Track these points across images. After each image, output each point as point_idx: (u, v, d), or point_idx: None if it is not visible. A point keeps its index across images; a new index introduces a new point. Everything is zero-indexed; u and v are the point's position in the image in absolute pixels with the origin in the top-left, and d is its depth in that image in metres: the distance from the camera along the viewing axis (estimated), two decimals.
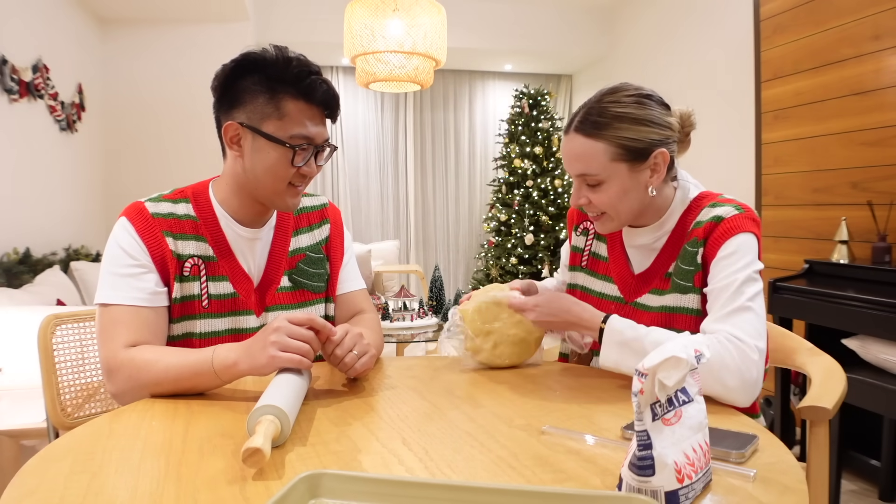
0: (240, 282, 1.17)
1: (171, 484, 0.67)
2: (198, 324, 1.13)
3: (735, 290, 1.00)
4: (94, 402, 1.30)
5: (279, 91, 1.09)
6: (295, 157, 1.11)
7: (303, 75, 1.10)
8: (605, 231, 1.18)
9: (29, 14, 3.50)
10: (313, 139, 1.12)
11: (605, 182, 1.09)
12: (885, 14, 2.66)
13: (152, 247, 1.09)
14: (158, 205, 1.13)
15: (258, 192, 1.15)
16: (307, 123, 1.11)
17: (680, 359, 0.60)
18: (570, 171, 1.13)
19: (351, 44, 3.23)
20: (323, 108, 1.14)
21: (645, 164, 1.09)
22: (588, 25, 5.52)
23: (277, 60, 1.10)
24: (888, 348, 2.10)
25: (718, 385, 0.95)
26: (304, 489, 0.58)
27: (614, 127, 1.07)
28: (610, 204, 1.11)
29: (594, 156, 1.08)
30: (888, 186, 2.64)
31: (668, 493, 0.58)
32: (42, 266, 3.26)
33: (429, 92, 6.30)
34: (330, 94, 1.14)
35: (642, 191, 1.11)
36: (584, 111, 1.11)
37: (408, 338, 2.87)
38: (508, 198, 5.68)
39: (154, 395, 1.01)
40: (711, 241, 1.07)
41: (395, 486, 0.58)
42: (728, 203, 1.10)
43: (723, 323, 1.00)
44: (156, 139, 4.65)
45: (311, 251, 1.27)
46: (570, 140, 1.11)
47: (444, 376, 1.12)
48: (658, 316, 1.12)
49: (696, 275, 1.08)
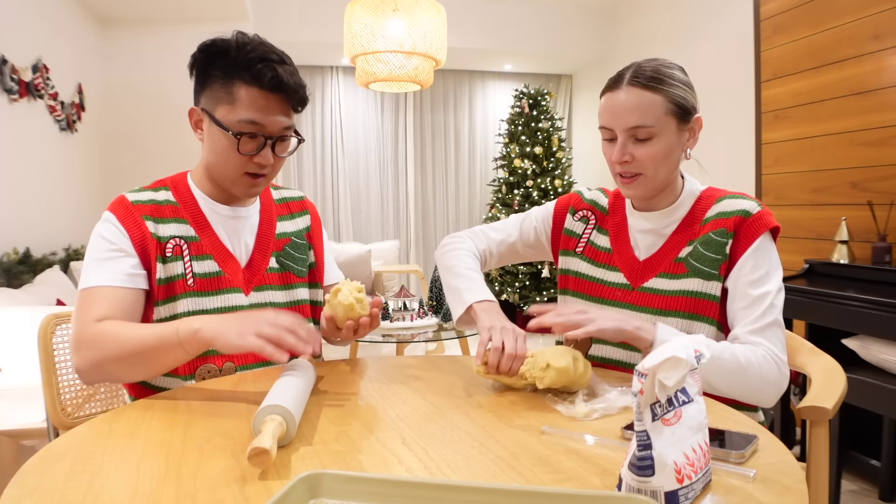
0: (225, 260, 1.19)
1: (171, 484, 0.67)
2: (184, 303, 1.14)
3: (769, 305, 1.07)
4: (94, 402, 1.30)
5: (233, 76, 1.09)
6: (240, 144, 1.11)
7: (254, 61, 1.09)
8: (633, 195, 1.19)
9: (29, 14, 3.50)
10: (264, 127, 1.11)
11: (656, 136, 1.11)
12: (885, 14, 2.66)
13: (133, 231, 1.11)
14: (139, 194, 1.17)
15: (216, 177, 1.18)
16: (259, 110, 1.10)
17: (680, 359, 0.60)
18: (620, 124, 1.12)
19: (351, 44, 3.23)
20: (283, 96, 1.11)
21: (688, 125, 1.14)
22: (588, 25, 5.52)
23: (234, 46, 1.10)
24: (888, 348, 2.10)
25: (757, 394, 1.03)
26: (304, 489, 0.58)
27: (668, 83, 1.11)
28: (653, 161, 1.12)
29: (651, 107, 1.10)
30: (888, 186, 2.64)
31: (667, 494, 0.58)
32: (42, 266, 3.26)
33: (429, 92, 6.30)
34: (281, 82, 1.10)
35: (679, 154, 1.15)
36: (633, 69, 1.14)
37: (408, 338, 2.87)
38: (508, 198, 5.68)
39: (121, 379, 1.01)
40: (742, 236, 1.10)
41: (395, 486, 0.58)
42: (745, 197, 1.15)
43: (760, 336, 1.05)
44: (155, 139, 4.65)
45: (296, 237, 1.31)
46: (624, 92, 1.12)
47: (444, 376, 1.12)
48: (677, 300, 1.13)
49: (722, 264, 1.11)
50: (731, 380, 1.01)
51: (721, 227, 1.12)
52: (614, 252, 1.25)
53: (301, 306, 1.28)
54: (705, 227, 1.15)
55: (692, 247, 1.15)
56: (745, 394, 1.03)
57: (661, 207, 1.20)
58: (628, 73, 1.14)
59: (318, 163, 6.12)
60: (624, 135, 1.12)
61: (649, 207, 1.22)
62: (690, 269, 1.13)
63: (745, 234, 1.10)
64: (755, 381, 1.01)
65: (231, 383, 1.07)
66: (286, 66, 1.12)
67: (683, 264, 1.15)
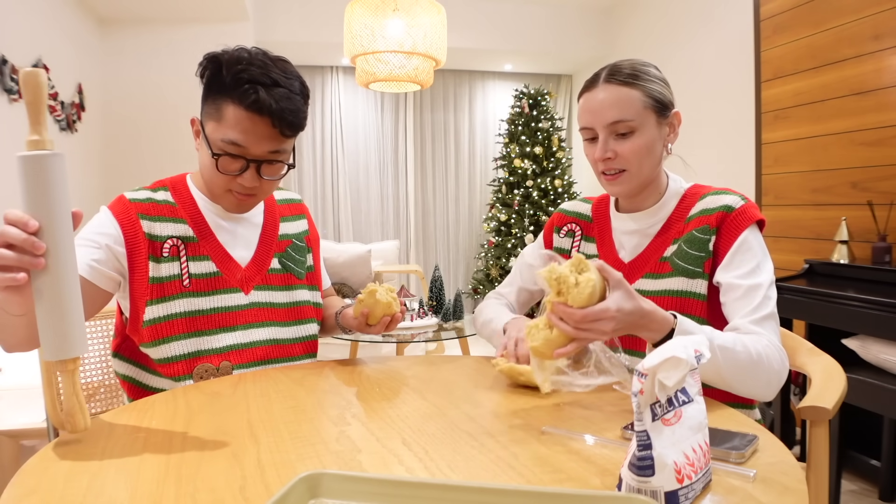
0: (223, 261, 1.19)
1: (171, 484, 0.67)
2: (179, 303, 1.14)
3: (764, 297, 1.06)
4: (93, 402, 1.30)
5: (223, 94, 1.08)
6: (219, 163, 1.10)
7: (241, 81, 1.06)
8: (618, 191, 1.18)
9: (29, 14, 3.50)
10: (247, 149, 1.09)
11: (637, 131, 1.12)
12: (885, 14, 2.66)
13: (126, 226, 1.12)
14: (137, 192, 1.18)
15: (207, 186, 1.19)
16: (242, 132, 1.07)
17: (680, 359, 0.60)
18: (599, 121, 1.13)
19: (351, 44, 3.23)
20: (268, 120, 1.07)
21: (667, 119, 1.16)
22: (588, 25, 5.52)
23: (228, 62, 1.08)
24: (888, 348, 2.10)
25: (763, 385, 0.99)
26: (304, 489, 0.58)
27: (644, 80, 1.13)
28: (636, 156, 1.12)
29: (630, 102, 1.12)
30: (888, 186, 2.64)
31: (667, 494, 0.58)
32: None
33: (429, 92, 6.30)
34: (264, 106, 1.06)
35: (661, 150, 1.16)
36: (609, 68, 1.16)
37: (408, 338, 2.87)
38: (508, 198, 5.68)
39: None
40: (725, 231, 1.09)
41: (395, 486, 0.58)
42: (729, 192, 1.14)
43: (760, 327, 1.04)
44: (155, 139, 4.65)
45: (297, 239, 1.32)
46: (602, 90, 1.13)
47: (444, 376, 1.12)
48: (661, 300, 1.12)
49: (706, 261, 1.10)
50: (744, 373, 0.97)
51: (704, 224, 1.12)
52: (601, 255, 1.25)
53: (303, 307, 1.29)
54: (689, 224, 1.14)
55: (676, 245, 1.15)
56: (755, 386, 0.99)
57: (646, 207, 1.20)
58: (604, 72, 1.16)
59: (318, 163, 6.12)
60: (605, 131, 1.13)
61: (634, 208, 1.22)
62: (675, 267, 1.13)
63: (729, 230, 1.09)
64: (764, 374, 0.98)
65: (231, 383, 1.07)
66: (277, 90, 1.08)
67: (668, 263, 1.14)
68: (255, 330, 1.20)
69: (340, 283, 4.44)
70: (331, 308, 1.38)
